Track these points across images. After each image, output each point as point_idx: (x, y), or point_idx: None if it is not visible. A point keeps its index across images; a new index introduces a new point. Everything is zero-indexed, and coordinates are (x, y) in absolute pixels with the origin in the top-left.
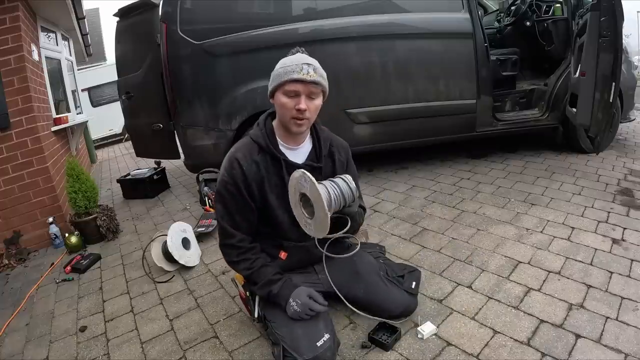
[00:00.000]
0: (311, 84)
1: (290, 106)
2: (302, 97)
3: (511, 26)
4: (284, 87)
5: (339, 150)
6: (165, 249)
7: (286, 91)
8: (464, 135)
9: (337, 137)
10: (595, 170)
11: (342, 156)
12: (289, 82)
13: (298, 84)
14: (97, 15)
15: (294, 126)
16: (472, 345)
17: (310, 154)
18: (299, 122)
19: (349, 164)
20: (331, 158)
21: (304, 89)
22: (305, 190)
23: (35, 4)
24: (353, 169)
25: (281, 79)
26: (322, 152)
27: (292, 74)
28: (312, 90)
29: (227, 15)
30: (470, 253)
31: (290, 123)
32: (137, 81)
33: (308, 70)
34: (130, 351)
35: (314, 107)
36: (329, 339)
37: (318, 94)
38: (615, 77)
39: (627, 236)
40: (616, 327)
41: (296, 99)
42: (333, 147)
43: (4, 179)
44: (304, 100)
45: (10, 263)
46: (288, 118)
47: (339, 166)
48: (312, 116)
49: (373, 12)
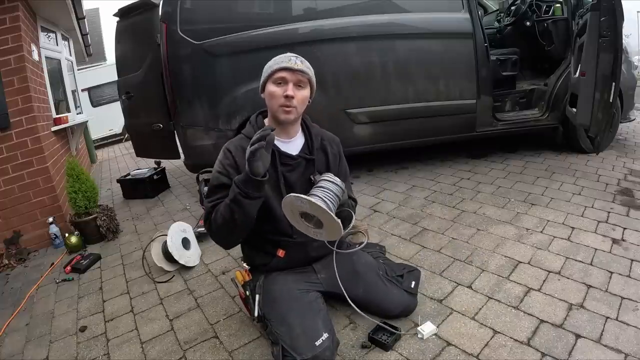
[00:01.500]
0: (298, 72)
1: (279, 94)
2: (290, 84)
3: (511, 26)
4: (273, 76)
5: (331, 144)
6: (165, 249)
7: (275, 79)
8: (464, 135)
9: (327, 132)
10: (595, 170)
11: (334, 149)
12: (277, 70)
13: (286, 71)
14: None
15: (282, 114)
16: (472, 345)
17: (303, 147)
18: (287, 109)
19: (341, 158)
20: (323, 151)
21: (291, 76)
22: (305, 209)
23: (35, 4)
24: (344, 162)
25: (271, 69)
26: (314, 145)
27: (280, 63)
28: (299, 78)
29: (227, 15)
30: (470, 253)
31: (279, 111)
32: (137, 81)
33: (295, 60)
34: (130, 351)
35: (301, 96)
36: (328, 338)
37: (305, 83)
38: (615, 77)
39: (627, 236)
40: (616, 327)
41: (284, 86)
42: (325, 141)
43: (4, 179)
44: (291, 88)
45: (10, 263)
46: (277, 107)
47: (332, 159)
48: (299, 106)
49: (373, 12)
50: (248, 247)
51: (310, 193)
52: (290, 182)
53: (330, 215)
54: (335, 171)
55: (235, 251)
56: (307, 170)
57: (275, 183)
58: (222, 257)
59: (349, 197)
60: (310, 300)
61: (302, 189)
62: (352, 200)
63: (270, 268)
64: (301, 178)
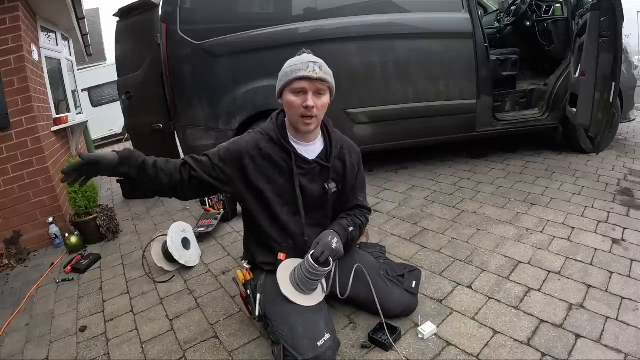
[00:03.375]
0: (318, 81)
1: (298, 104)
2: (309, 94)
3: (511, 26)
4: (292, 85)
5: (350, 153)
6: (165, 249)
7: (293, 89)
8: (464, 135)
9: (349, 140)
10: (595, 170)
11: (353, 159)
12: (296, 79)
13: (305, 81)
14: (97, 15)
15: (302, 125)
16: (472, 345)
17: (321, 153)
18: (307, 122)
19: (359, 169)
20: (341, 160)
21: (310, 86)
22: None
23: (35, 4)
24: (362, 174)
25: (288, 77)
26: (332, 154)
27: (298, 72)
28: (318, 87)
29: (227, 15)
30: (470, 253)
31: (298, 122)
32: (137, 81)
33: (314, 67)
34: (130, 351)
35: (321, 104)
36: (330, 338)
37: (325, 91)
38: (615, 77)
39: (627, 236)
40: (616, 327)
41: (303, 96)
42: (344, 149)
43: (4, 179)
44: (311, 97)
45: (10, 263)
46: (296, 117)
47: (349, 169)
48: (319, 114)
49: (373, 12)
50: (252, 244)
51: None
52: (302, 185)
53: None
54: (352, 182)
55: (235, 251)
56: (321, 177)
57: (291, 187)
58: (222, 257)
59: (363, 207)
60: None
61: (314, 195)
62: (363, 213)
63: (272, 268)
64: (314, 184)
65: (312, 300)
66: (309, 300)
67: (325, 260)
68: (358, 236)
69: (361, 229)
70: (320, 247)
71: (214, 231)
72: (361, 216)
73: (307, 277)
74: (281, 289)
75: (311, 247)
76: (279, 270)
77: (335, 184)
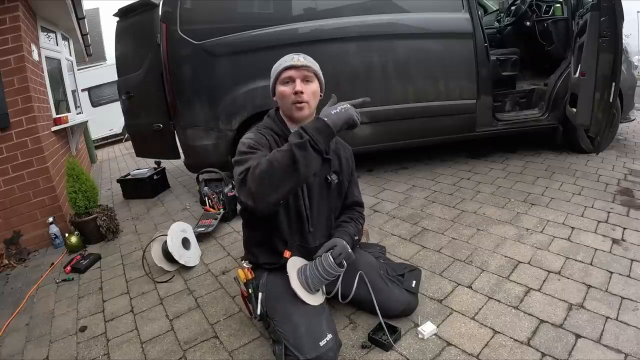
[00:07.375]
0: (303, 68)
1: (289, 92)
2: (297, 81)
3: (511, 26)
4: (280, 76)
5: (344, 149)
6: (165, 249)
7: (282, 80)
8: (464, 135)
9: (339, 139)
10: (595, 170)
11: (347, 154)
12: (283, 70)
13: (291, 70)
14: (97, 15)
15: (296, 111)
16: (472, 345)
17: None
18: (299, 106)
19: (353, 165)
20: (337, 154)
21: (297, 73)
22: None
23: (35, 4)
24: (354, 171)
25: (276, 71)
26: (330, 147)
27: (284, 63)
28: (305, 74)
29: (227, 15)
30: (470, 253)
31: (292, 109)
32: (137, 81)
33: (298, 57)
34: (130, 351)
35: (310, 90)
36: (332, 339)
37: (312, 78)
38: (615, 77)
39: (627, 236)
40: (616, 327)
41: (292, 84)
42: (338, 145)
43: (4, 179)
44: (299, 83)
45: (10, 263)
46: (289, 105)
47: (345, 163)
48: (310, 100)
49: (373, 12)
50: (254, 245)
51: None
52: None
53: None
54: (348, 175)
55: (236, 251)
56: (323, 170)
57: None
58: (222, 257)
59: (359, 204)
60: None
61: (317, 187)
62: (361, 213)
63: (274, 268)
64: (316, 176)
65: (317, 300)
66: (314, 299)
67: (340, 262)
68: (360, 239)
69: (361, 232)
70: (338, 249)
71: (214, 231)
72: (360, 218)
73: (321, 277)
74: (291, 283)
75: (320, 250)
76: (288, 266)
77: (336, 176)
